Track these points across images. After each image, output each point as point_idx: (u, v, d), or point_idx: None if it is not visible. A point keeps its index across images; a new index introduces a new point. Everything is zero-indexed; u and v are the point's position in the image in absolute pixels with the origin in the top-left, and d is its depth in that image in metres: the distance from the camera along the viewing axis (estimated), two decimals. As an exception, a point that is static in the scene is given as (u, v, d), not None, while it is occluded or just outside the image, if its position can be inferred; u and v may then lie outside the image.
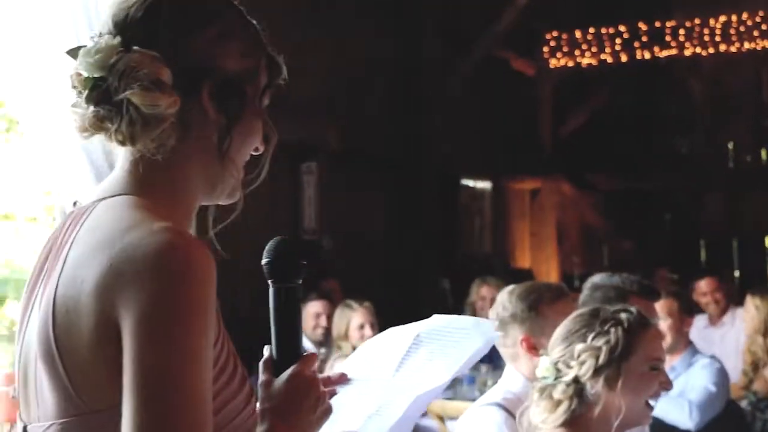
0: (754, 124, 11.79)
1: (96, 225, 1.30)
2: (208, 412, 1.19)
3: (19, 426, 1.36)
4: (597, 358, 2.36)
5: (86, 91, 1.33)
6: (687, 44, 10.56)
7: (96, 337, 1.21)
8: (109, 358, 1.20)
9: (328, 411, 1.47)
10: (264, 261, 1.48)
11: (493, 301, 3.24)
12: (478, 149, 9.67)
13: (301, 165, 6.95)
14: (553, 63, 11.05)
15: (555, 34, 10.96)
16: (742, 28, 10.37)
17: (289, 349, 1.46)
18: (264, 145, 1.43)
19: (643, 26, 10.66)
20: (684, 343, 4.47)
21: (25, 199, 6.46)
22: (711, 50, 10.55)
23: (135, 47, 1.32)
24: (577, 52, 10.92)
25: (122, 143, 1.32)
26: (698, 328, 6.21)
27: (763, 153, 11.84)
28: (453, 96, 9.08)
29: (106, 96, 1.31)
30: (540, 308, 3.00)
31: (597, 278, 3.76)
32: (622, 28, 10.71)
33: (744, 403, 4.80)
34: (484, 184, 10.52)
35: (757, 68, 11.64)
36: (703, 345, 5.51)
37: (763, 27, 10.32)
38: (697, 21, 10.47)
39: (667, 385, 2.40)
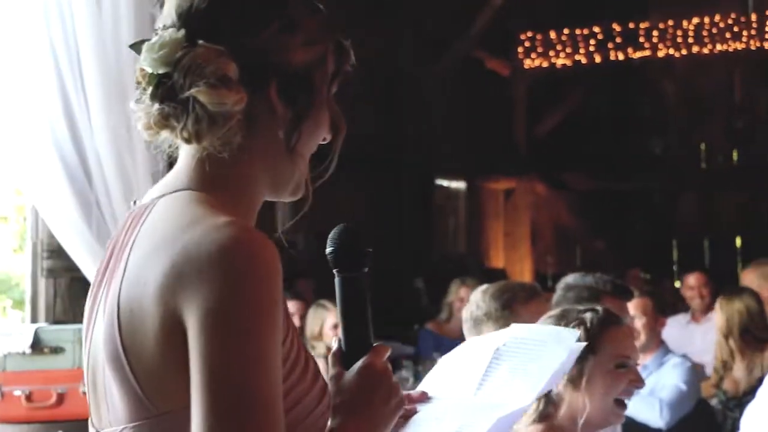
0: (726, 125, 11.90)
1: (156, 223, 1.26)
2: (279, 412, 1.15)
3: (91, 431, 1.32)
4: None
5: (151, 88, 1.28)
6: (660, 45, 10.63)
7: (162, 339, 1.18)
8: (175, 360, 1.16)
9: (401, 404, 1.40)
10: (328, 250, 1.41)
11: None
12: (453, 149, 9.69)
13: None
14: (527, 63, 11.08)
15: (530, 34, 11.00)
16: (714, 30, 10.45)
17: (359, 340, 1.40)
18: (332, 135, 1.38)
19: (617, 27, 10.72)
20: (656, 342, 4.50)
21: (-4, 198, 6.40)
22: (684, 52, 10.63)
23: (200, 41, 1.26)
24: (551, 53, 10.96)
25: (188, 141, 1.28)
26: (681, 324, 6.26)
27: (735, 154, 11.94)
28: (429, 96, 9.09)
29: (172, 93, 1.26)
30: (514, 307, 3.01)
31: (570, 278, 3.78)
32: (596, 29, 10.76)
33: (714, 401, 4.83)
34: (458, 185, 10.54)
35: (729, 70, 11.74)
36: (683, 342, 5.55)
37: (735, 29, 10.41)
38: (670, 23, 10.54)
39: (637, 383, 2.41)
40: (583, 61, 10.88)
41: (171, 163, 1.40)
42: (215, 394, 1.12)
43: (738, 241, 11.84)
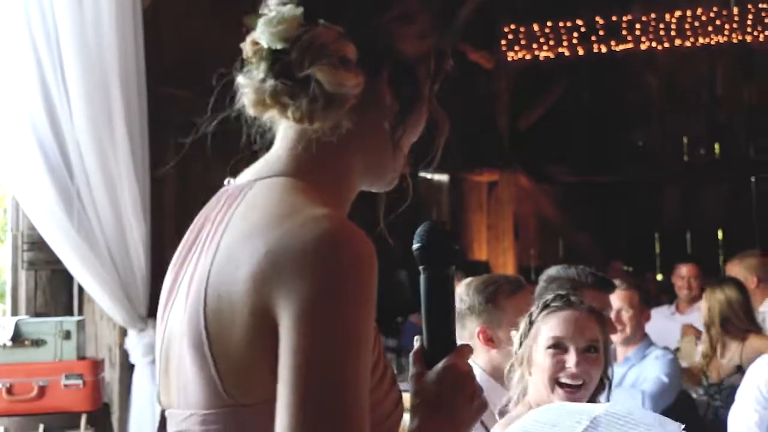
0: (707, 118, 11.94)
1: (252, 208, 1.22)
2: (366, 413, 1.12)
3: (158, 410, 1.30)
4: (517, 345, 2.59)
5: (265, 63, 1.24)
6: (643, 38, 10.65)
7: (250, 327, 1.15)
8: (262, 352, 1.14)
9: (483, 407, 1.37)
10: (415, 246, 1.39)
11: None
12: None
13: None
14: (510, 56, 11.08)
15: (513, 27, 10.99)
16: (696, 23, 10.48)
17: (442, 339, 1.37)
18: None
19: (600, 20, 10.72)
20: (640, 335, 4.52)
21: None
22: (666, 45, 10.65)
23: (320, 20, 1.23)
24: (534, 46, 10.96)
25: (299, 121, 1.24)
26: (664, 315, 6.30)
27: (717, 147, 11.99)
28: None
29: (288, 70, 1.22)
30: (497, 301, 3.01)
31: (552, 270, 3.80)
32: (579, 22, 10.77)
33: (700, 391, 4.87)
34: (441, 177, 10.54)
35: (711, 63, 11.78)
36: (667, 333, 5.57)
37: (717, 22, 10.44)
38: (652, 15, 10.56)
39: (564, 364, 2.48)
40: (566, 53, 10.89)
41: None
42: (305, 390, 1.09)
43: (720, 234, 11.90)
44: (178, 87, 5.50)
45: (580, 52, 10.84)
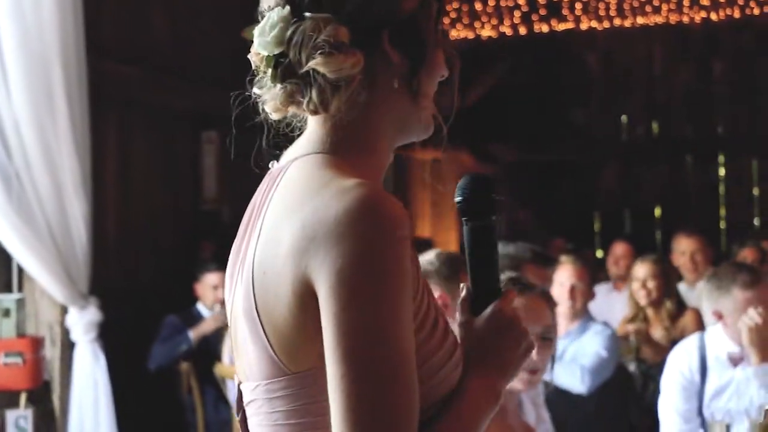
0: (646, 97, 12.08)
1: (289, 185, 1.28)
2: (413, 370, 1.16)
3: (236, 384, 1.37)
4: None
5: (270, 70, 1.30)
6: (583, 18, 10.73)
7: (293, 300, 1.20)
8: (306, 321, 1.19)
9: (531, 347, 1.41)
10: (457, 199, 1.42)
11: None
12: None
13: (201, 133, 6.85)
14: (453, 34, 11.09)
15: (455, 5, 11.00)
16: (635, 3, 10.58)
17: (488, 287, 1.40)
18: (448, 70, 1.41)
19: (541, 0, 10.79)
20: (583, 311, 4.59)
21: None
22: (606, 24, 10.75)
23: (306, 14, 1.28)
24: (476, 24, 11.00)
25: (315, 112, 1.31)
26: (603, 292, 6.37)
27: (655, 126, 12.15)
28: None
29: (291, 70, 1.29)
30: (461, 275, 3.07)
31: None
32: (520, 1, 10.81)
33: (632, 367, 4.95)
34: (385, 155, 10.55)
35: (650, 43, 11.91)
36: (605, 310, 5.64)
37: (656, 3, 10.55)
38: (593, -5, 10.65)
39: None
40: (508, 32, 10.94)
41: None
42: (349, 355, 1.14)
43: (657, 212, 12.08)
44: (120, 63, 5.43)
45: (522, 31, 10.89)
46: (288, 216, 1.23)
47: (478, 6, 10.94)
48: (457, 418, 1.26)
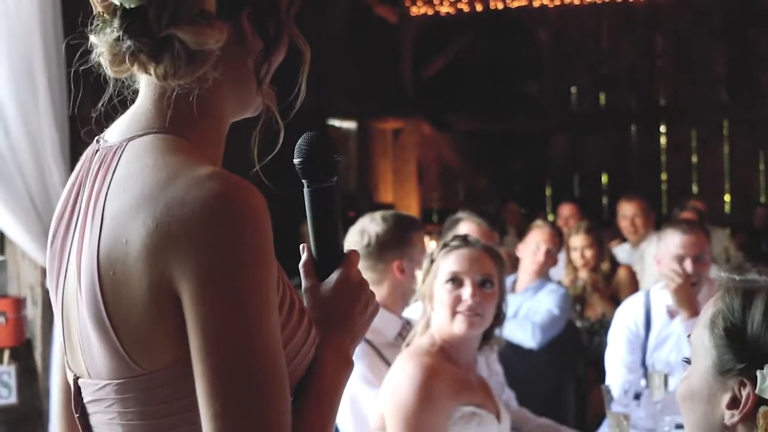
0: (593, 71, 12.14)
1: (131, 173, 1.11)
2: (282, 365, 1.07)
3: (70, 375, 1.22)
4: (420, 282, 2.65)
5: (119, 22, 1.11)
6: (535, -5, 10.76)
7: (151, 300, 1.07)
8: (164, 320, 1.07)
9: (377, 310, 1.32)
10: (297, 160, 1.29)
11: None
12: (345, 91, 9.65)
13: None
14: (413, 11, 11.06)
15: (417, -17, 10.97)
16: (584, -18, 10.63)
17: (331, 250, 1.29)
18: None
19: (496, -22, 10.78)
20: (546, 272, 4.62)
21: None
22: (557, 2, 10.77)
23: None
24: (436, 1, 10.96)
25: (163, 79, 1.13)
26: None
27: (602, 98, 12.22)
28: (321, 42, 8.99)
29: (146, 29, 1.10)
30: (413, 236, 3.13)
31: (458, 215, 4.02)
32: (477, -20, 10.81)
33: (578, 323, 5.02)
34: (349, 125, 10.52)
35: (597, 20, 11.95)
36: (556, 270, 5.69)
37: (604, -18, 10.60)
38: (544, -26, 10.66)
39: (461, 302, 2.53)
40: (465, 9, 10.92)
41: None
42: (219, 356, 1.04)
43: (604, 178, 12.18)
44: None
45: (479, 8, 10.88)
46: (137, 211, 1.08)
47: (437, -16, 10.92)
48: (318, 395, 1.17)
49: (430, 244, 3.57)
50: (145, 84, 1.18)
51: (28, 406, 3.90)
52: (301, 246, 1.30)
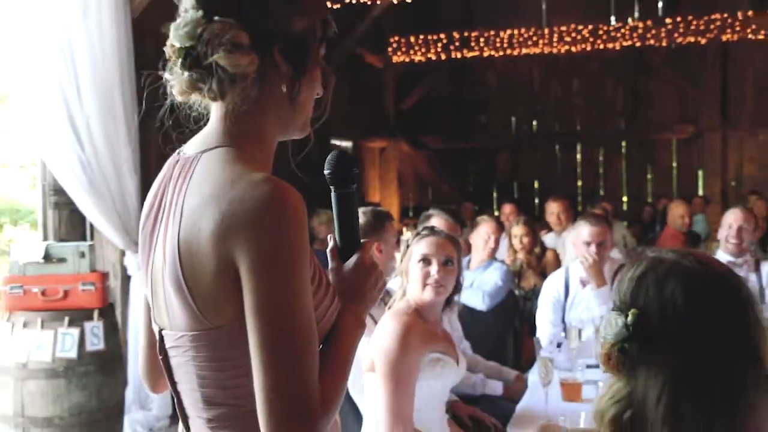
0: (528, 105, 12.18)
1: (203, 177, 1.13)
2: (314, 329, 1.08)
3: (155, 328, 1.22)
4: (399, 261, 2.60)
5: (180, 59, 1.14)
6: (485, 48, 10.77)
7: (217, 273, 1.08)
8: (227, 289, 1.08)
9: (384, 285, 1.30)
10: (326, 171, 1.26)
11: None
12: (344, 118, 9.67)
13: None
14: (395, 59, 11.06)
15: (396, 38, 10.96)
16: (521, 39, 10.65)
17: (351, 240, 1.27)
18: (323, 87, 1.23)
19: (456, 35, 10.79)
20: (493, 254, 4.57)
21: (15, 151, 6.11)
22: (501, 53, 10.80)
23: (216, 18, 1.13)
24: (411, 52, 10.97)
25: (214, 99, 1.15)
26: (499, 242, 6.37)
27: (534, 125, 12.27)
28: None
29: (197, 61, 1.13)
30: (387, 225, 3.06)
31: (430, 211, 4.00)
32: (442, 36, 10.82)
33: (517, 292, 5.03)
34: (347, 143, 10.53)
35: (530, 67, 11.99)
36: (500, 254, 5.71)
37: (534, 38, 10.63)
38: (491, 32, 10.69)
39: (430, 276, 2.49)
40: (433, 58, 10.94)
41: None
42: (268, 319, 1.05)
43: (536, 184, 12.23)
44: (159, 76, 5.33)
45: (443, 57, 10.90)
46: (207, 206, 1.09)
47: (413, 39, 10.93)
48: (339, 346, 1.18)
49: (407, 234, 3.56)
50: (213, 110, 1.20)
51: (112, 351, 3.93)
52: (328, 236, 1.30)
